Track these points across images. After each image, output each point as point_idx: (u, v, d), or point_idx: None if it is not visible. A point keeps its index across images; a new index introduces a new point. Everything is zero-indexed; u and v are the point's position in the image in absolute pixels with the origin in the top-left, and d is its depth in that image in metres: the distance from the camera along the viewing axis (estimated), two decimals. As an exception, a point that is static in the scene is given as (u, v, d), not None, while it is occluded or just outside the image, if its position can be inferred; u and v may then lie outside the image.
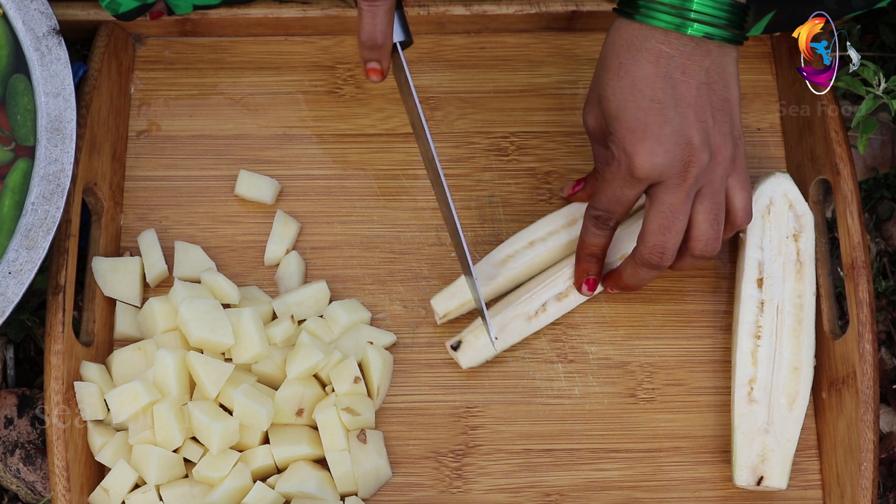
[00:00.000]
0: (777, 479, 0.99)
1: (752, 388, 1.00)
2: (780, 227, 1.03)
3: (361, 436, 0.99)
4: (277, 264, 1.06)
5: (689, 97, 0.90)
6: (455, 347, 1.02)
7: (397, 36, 0.98)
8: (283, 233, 1.06)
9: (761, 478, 0.99)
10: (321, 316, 1.03)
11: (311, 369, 0.99)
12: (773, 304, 1.02)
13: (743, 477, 0.99)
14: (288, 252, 1.06)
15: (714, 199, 0.94)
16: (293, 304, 1.03)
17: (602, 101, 0.93)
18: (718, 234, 0.95)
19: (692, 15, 0.89)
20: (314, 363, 0.98)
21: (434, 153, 0.98)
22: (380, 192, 1.08)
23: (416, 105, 0.99)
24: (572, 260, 1.03)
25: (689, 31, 0.89)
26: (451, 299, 1.02)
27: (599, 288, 1.03)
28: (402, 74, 1.00)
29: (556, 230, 1.04)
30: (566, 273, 1.03)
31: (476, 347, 1.02)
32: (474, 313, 1.04)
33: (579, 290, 1.02)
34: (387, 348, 1.03)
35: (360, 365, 1.01)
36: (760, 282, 1.02)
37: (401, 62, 0.99)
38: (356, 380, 0.99)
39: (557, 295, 1.03)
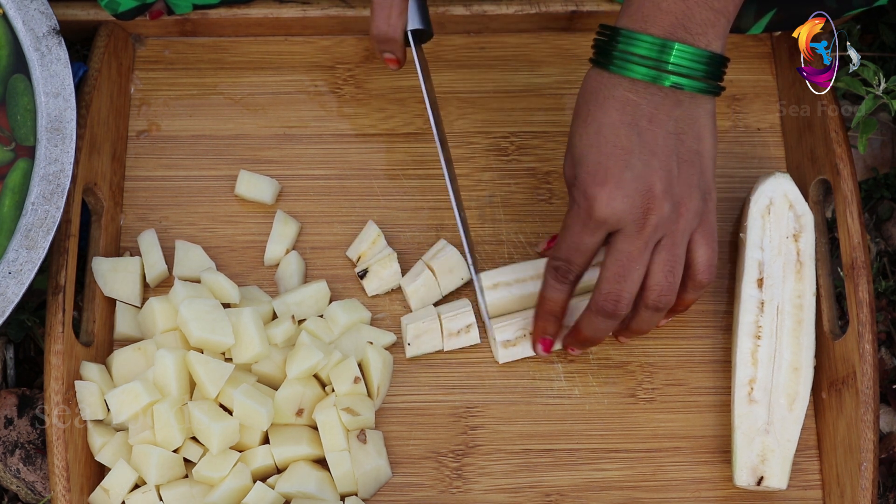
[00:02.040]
0: (777, 479, 0.99)
1: (752, 389, 1.00)
2: (780, 228, 1.03)
3: (361, 436, 0.99)
4: (277, 264, 1.06)
5: (655, 145, 0.89)
6: (362, 276, 1.03)
7: (412, 24, 0.98)
8: (283, 233, 1.06)
9: (761, 478, 0.99)
10: (321, 316, 1.03)
11: (311, 369, 0.99)
12: (773, 305, 1.02)
13: (743, 477, 0.99)
14: (288, 252, 1.06)
15: (672, 250, 0.91)
16: (293, 304, 1.03)
17: (570, 148, 0.92)
18: (673, 287, 0.93)
19: (669, 67, 0.88)
20: (314, 363, 0.98)
21: (436, 132, 1.00)
22: (380, 192, 1.08)
23: (425, 95, 1.00)
24: (529, 312, 1.02)
25: (667, 84, 0.88)
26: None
27: (557, 345, 1.02)
28: (416, 65, 1.01)
29: (525, 279, 1.03)
30: (519, 323, 1.02)
31: (382, 277, 1.03)
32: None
33: (534, 349, 1.01)
34: (387, 348, 1.03)
35: (359, 365, 1.01)
36: (760, 282, 1.02)
37: (413, 53, 1.00)
38: (356, 380, 0.99)
39: (504, 342, 1.02)
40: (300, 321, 1.03)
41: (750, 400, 1.00)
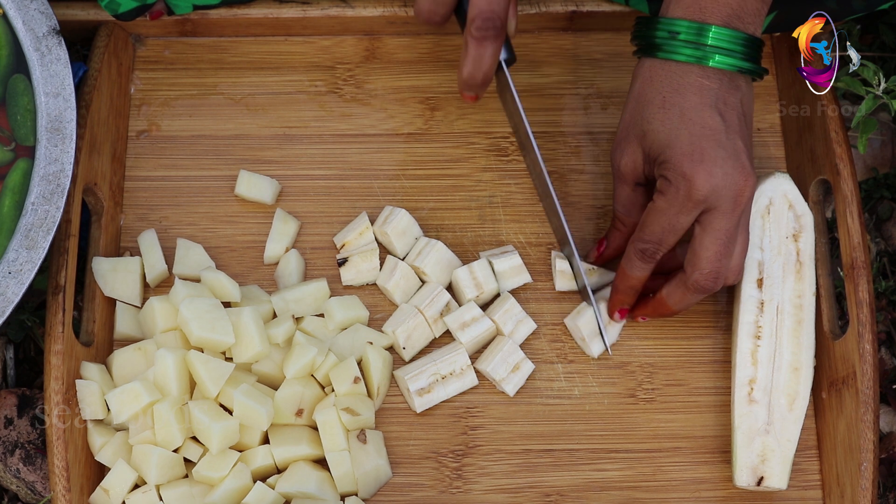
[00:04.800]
0: (777, 479, 0.99)
1: (752, 389, 1.00)
2: (780, 228, 1.03)
3: (361, 436, 0.99)
4: (277, 263, 1.06)
5: (734, 125, 0.93)
6: (341, 263, 1.04)
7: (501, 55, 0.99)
8: (282, 231, 1.06)
9: (761, 478, 0.99)
10: (321, 315, 1.03)
11: (308, 366, 0.99)
12: (773, 305, 1.02)
13: (743, 477, 0.99)
14: (287, 250, 1.06)
15: (747, 229, 0.96)
16: (292, 301, 1.03)
17: (648, 134, 0.94)
18: (744, 265, 0.97)
19: (708, 49, 0.91)
20: (309, 359, 0.98)
21: (543, 167, 1.02)
22: (380, 193, 1.08)
23: (524, 121, 1.01)
24: (439, 357, 1.01)
25: (711, 63, 0.92)
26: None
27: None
28: (508, 93, 1.02)
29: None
30: (430, 369, 1.01)
31: (360, 269, 1.04)
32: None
33: (611, 316, 1.02)
34: (386, 348, 1.03)
35: (359, 365, 1.01)
36: (760, 282, 1.02)
37: (506, 80, 1.01)
38: (356, 380, 0.99)
39: (419, 391, 1.01)
40: (298, 319, 1.03)
41: (750, 400, 1.00)
